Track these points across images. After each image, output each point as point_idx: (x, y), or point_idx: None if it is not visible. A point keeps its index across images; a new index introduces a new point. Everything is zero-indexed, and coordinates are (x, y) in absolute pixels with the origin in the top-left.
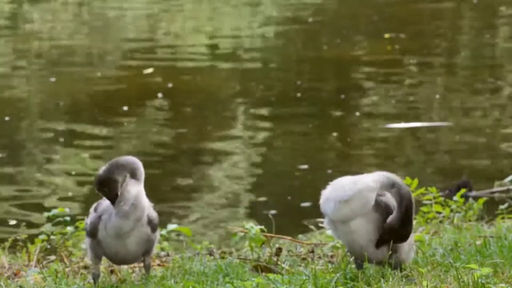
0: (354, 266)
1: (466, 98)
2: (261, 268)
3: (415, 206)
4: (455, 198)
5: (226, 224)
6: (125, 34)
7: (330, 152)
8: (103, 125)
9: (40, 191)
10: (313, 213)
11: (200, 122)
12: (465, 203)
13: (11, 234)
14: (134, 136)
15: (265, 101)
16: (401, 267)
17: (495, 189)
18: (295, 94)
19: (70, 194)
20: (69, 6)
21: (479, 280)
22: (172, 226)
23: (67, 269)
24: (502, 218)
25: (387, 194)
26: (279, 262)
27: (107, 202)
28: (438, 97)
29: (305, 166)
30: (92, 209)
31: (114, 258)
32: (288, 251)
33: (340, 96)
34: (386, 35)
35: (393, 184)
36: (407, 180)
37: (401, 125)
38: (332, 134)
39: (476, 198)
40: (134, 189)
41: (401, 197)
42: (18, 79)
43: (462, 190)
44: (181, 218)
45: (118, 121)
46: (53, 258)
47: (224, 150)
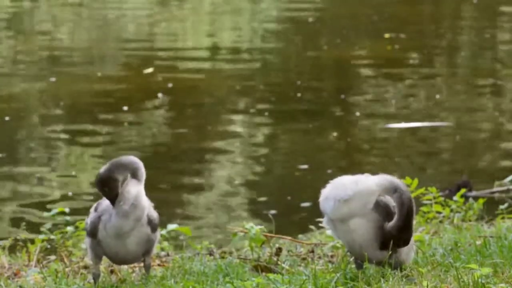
0: (354, 266)
1: (466, 98)
2: (261, 268)
3: (415, 208)
4: (455, 198)
5: (226, 224)
6: (125, 33)
7: (330, 152)
8: (103, 125)
9: (40, 191)
10: (313, 213)
11: (200, 122)
12: (465, 203)
13: (11, 234)
14: (134, 136)
15: (265, 101)
16: (401, 267)
17: (495, 189)
18: (295, 94)
19: (70, 194)
20: (69, 6)
21: (479, 280)
22: (172, 226)
23: (67, 269)
24: (502, 218)
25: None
26: (279, 262)
27: (107, 202)
28: (438, 97)
29: (305, 166)
30: (92, 209)
31: (114, 258)
32: (288, 251)
33: (340, 96)
34: (386, 35)
35: (395, 189)
36: (407, 180)
37: (401, 125)
38: (332, 134)
39: (476, 198)
40: (134, 189)
41: (402, 203)
42: (18, 79)
43: (462, 190)
44: (181, 218)
45: (118, 121)
46: (53, 258)
47: (224, 150)
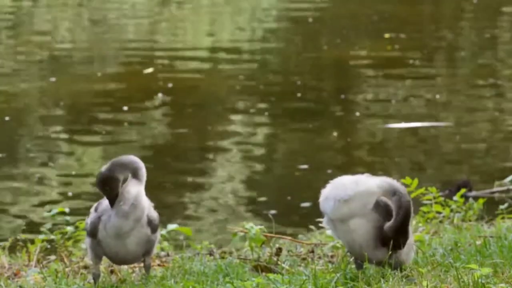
0: (354, 266)
1: (466, 98)
2: (261, 268)
3: (414, 207)
4: (455, 198)
5: (226, 224)
6: (125, 33)
7: (330, 152)
8: (103, 124)
9: (40, 191)
10: (313, 213)
11: (200, 122)
12: (465, 203)
13: (11, 234)
14: (134, 136)
15: (265, 101)
16: (401, 267)
17: (495, 189)
18: (295, 94)
19: (70, 194)
20: (69, 6)
21: (479, 280)
22: (172, 226)
23: (67, 269)
24: (502, 218)
25: None
26: (279, 262)
27: (107, 202)
28: (438, 97)
29: (305, 166)
30: (92, 209)
31: (114, 258)
32: (288, 251)
33: (340, 96)
34: (386, 35)
35: (394, 192)
36: (407, 180)
37: (401, 125)
38: (332, 134)
39: (476, 198)
40: (134, 189)
41: (399, 206)
42: (18, 79)
43: (462, 190)
44: (181, 218)
45: (118, 121)
46: (53, 258)
47: (224, 150)
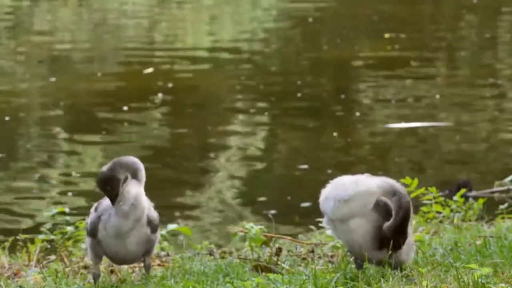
0: (354, 266)
1: (466, 98)
2: (261, 268)
3: (414, 207)
4: (455, 198)
5: (226, 224)
6: (125, 33)
7: (330, 152)
8: (103, 124)
9: (40, 191)
10: (313, 213)
11: (200, 122)
12: (465, 203)
13: (11, 234)
14: (134, 136)
15: (265, 100)
16: (401, 267)
17: (495, 189)
18: (295, 94)
19: (70, 194)
20: (69, 6)
21: (479, 280)
22: (172, 226)
23: (67, 269)
24: (502, 218)
25: None
26: (279, 262)
27: (107, 201)
28: (438, 97)
29: (305, 166)
30: (92, 209)
31: (114, 258)
32: (288, 251)
33: (340, 96)
34: (386, 35)
35: (394, 192)
36: (407, 180)
37: (401, 125)
38: (332, 134)
39: (476, 198)
40: (135, 189)
41: (399, 207)
42: (18, 79)
43: (462, 190)
44: (181, 218)
45: (118, 120)
46: (53, 258)
47: (224, 150)
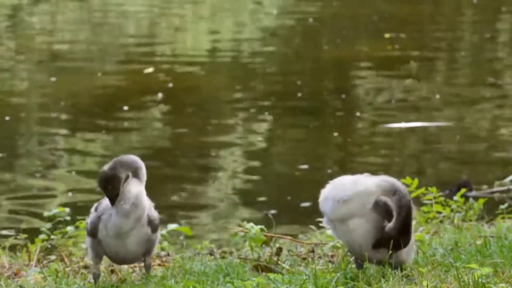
0: (354, 266)
1: (466, 98)
2: (261, 267)
3: (414, 209)
4: (455, 198)
5: (226, 223)
6: (125, 33)
7: (330, 152)
8: (104, 124)
9: (40, 191)
10: (313, 213)
11: (200, 122)
12: (465, 203)
13: (11, 233)
14: (134, 135)
15: (265, 101)
16: (401, 267)
17: (495, 189)
18: (295, 94)
19: (70, 194)
20: (69, 5)
21: (480, 280)
22: (172, 226)
23: (68, 268)
24: (503, 218)
25: None
26: (280, 262)
27: (108, 201)
28: (438, 97)
29: (305, 166)
30: (92, 208)
31: (114, 258)
32: (288, 251)
33: (340, 96)
34: (386, 35)
35: (395, 191)
36: (407, 180)
37: (401, 125)
38: (332, 134)
39: (476, 198)
40: (135, 188)
41: (400, 206)
42: (18, 79)
43: (462, 190)
44: (181, 218)
45: (118, 120)
46: (53, 257)
47: (223, 150)
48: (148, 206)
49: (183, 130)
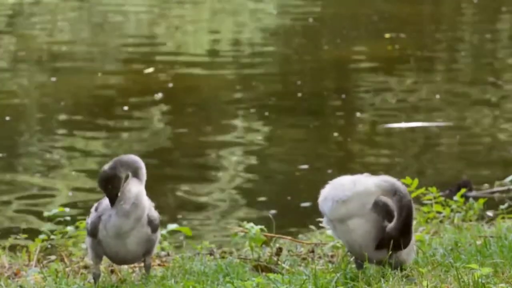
0: (354, 266)
1: (466, 98)
2: (261, 268)
3: (414, 209)
4: (456, 198)
5: (226, 223)
6: (125, 33)
7: (330, 152)
8: (104, 124)
9: (40, 191)
10: (313, 213)
11: (200, 122)
12: (465, 203)
13: (12, 234)
14: (134, 136)
15: (265, 101)
16: (401, 267)
17: (495, 189)
18: (295, 94)
19: (70, 194)
20: (70, 5)
21: (479, 280)
22: (172, 226)
23: (68, 269)
24: (503, 218)
25: None
26: (280, 262)
27: (108, 201)
28: (438, 97)
29: (305, 166)
30: (93, 209)
31: (114, 258)
32: (288, 251)
33: (340, 96)
34: (386, 35)
35: (395, 191)
36: (407, 180)
37: (401, 125)
38: (332, 134)
39: (476, 198)
40: (135, 188)
41: (401, 207)
42: (18, 79)
43: (463, 190)
44: (181, 218)
45: (118, 121)
46: (53, 258)
47: (223, 150)
48: (148, 206)
49: (183, 130)
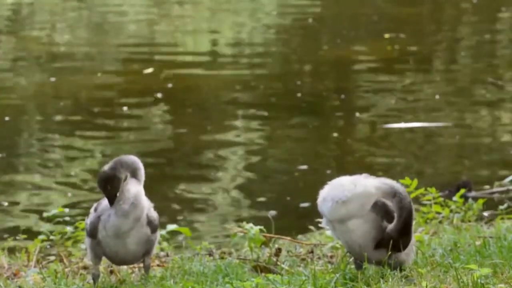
0: (353, 266)
1: (466, 98)
2: (260, 268)
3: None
4: (455, 198)
5: (226, 224)
6: (125, 33)
7: (330, 152)
8: (103, 125)
9: (39, 191)
10: (312, 213)
11: (199, 122)
12: (464, 204)
13: (11, 234)
14: (134, 136)
15: (264, 101)
16: (400, 268)
17: (495, 189)
18: (295, 94)
19: (70, 194)
20: (69, 5)
21: (479, 280)
22: (171, 226)
23: (67, 269)
24: (502, 219)
25: None
26: (279, 263)
27: (107, 202)
28: (438, 97)
29: (304, 167)
30: (92, 209)
31: (113, 258)
32: (287, 252)
33: (340, 96)
34: (386, 35)
35: (394, 193)
36: (407, 180)
37: (401, 125)
38: (332, 134)
39: (475, 199)
40: (134, 188)
41: (401, 208)
42: (18, 79)
43: (462, 191)
44: (180, 218)
45: (118, 121)
46: (52, 258)
47: (223, 150)
48: (147, 206)
49: (183, 130)
